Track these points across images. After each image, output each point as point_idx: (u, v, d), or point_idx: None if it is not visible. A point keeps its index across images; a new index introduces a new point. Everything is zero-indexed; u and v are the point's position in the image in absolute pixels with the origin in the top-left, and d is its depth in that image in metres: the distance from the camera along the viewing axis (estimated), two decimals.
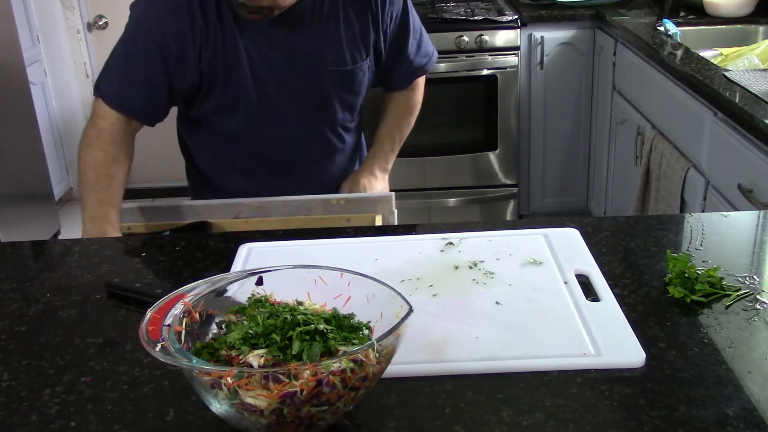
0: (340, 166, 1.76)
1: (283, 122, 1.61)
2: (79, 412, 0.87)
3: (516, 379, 0.90)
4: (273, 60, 1.54)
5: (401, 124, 1.80)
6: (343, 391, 0.76)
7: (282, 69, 1.55)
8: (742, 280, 1.10)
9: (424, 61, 1.74)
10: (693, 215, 1.35)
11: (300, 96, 1.59)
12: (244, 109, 1.57)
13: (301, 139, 1.66)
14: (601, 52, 3.20)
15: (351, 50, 1.58)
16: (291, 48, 1.54)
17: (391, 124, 1.79)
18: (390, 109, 1.80)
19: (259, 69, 1.54)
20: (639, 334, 0.97)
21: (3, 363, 0.97)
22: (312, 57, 1.56)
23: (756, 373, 0.90)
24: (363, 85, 1.65)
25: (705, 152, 2.20)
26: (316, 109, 1.62)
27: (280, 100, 1.58)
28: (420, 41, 1.71)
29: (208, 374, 0.76)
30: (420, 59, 1.73)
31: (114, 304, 1.10)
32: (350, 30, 1.57)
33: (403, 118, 1.80)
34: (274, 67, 1.55)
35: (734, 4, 2.92)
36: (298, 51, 1.55)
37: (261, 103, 1.57)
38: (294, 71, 1.56)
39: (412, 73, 1.75)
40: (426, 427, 0.84)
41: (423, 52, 1.73)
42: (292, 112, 1.60)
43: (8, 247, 1.39)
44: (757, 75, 2.13)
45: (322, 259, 0.97)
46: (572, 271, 1.12)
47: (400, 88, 1.77)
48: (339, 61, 1.57)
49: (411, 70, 1.73)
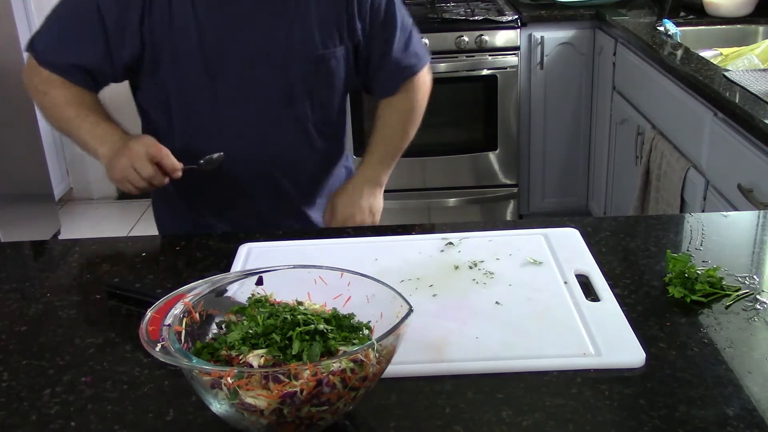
0: (315, 181, 1.57)
1: (240, 116, 1.43)
2: (79, 412, 0.87)
3: (516, 379, 0.90)
4: (229, 37, 1.37)
5: (394, 132, 1.59)
6: (343, 391, 0.76)
7: (240, 48, 1.38)
8: (742, 280, 1.10)
9: (413, 62, 1.55)
10: (693, 215, 1.35)
11: (261, 84, 1.41)
12: (191, 96, 1.41)
13: (264, 140, 1.45)
14: (601, 52, 3.20)
15: (322, 33, 1.41)
16: (252, 24, 1.37)
17: (382, 132, 1.59)
18: (380, 116, 1.60)
19: (212, 46, 1.36)
20: (639, 334, 0.97)
21: (3, 363, 0.97)
22: (277, 37, 1.38)
23: (756, 373, 0.90)
24: (337, 77, 1.47)
25: (705, 152, 2.20)
26: (281, 102, 1.43)
27: (237, 89, 1.40)
28: (409, 40, 1.54)
29: (208, 374, 0.76)
30: (409, 59, 1.54)
31: (114, 304, 1.10)
32: (321, 10, 1.41)
33: (396, 126, 1.59)
34: (231, 45, 1.37)
35: (734, 4, 2.92)
36: (259, 28, 1.37)
37: (213, 89, 1.39)
38: (254, 52, 1.38)
39: (399, 74, 1.55)
40: (426, 427, 0.84)
41: (412, 52, 1.55)
42: (252, 103, 1.42)
43: (8, 247, 1.39)
44: (757, 75, 2.13)
45: (322, 259, 0.97)
46: (572, 271, 1.12)
47: (389, 92, 1.57)
48: (307, 44, 1.40)
49: (398, 70, 1.54)
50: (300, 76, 1.43)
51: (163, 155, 1.29)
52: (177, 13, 1.35)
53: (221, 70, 1.39)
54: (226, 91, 1.41)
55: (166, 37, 1.36)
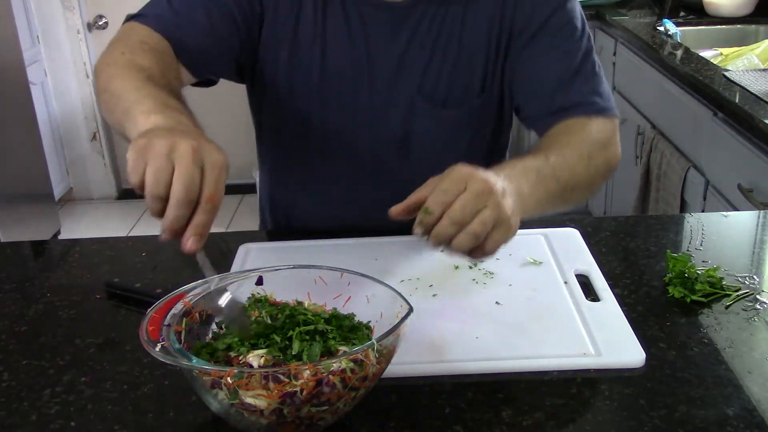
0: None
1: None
2: (79, 412, 0.87)
3: (516, 379, 0.90)
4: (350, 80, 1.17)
5: (571, 153, 1.06)
6: (343, 391, 0.76)
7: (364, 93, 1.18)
8: (742, 280, 1.10)
9: (575, 102, 1.13)
10: (693, 215, 1.35)
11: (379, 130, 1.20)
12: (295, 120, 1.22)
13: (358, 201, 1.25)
14: (601, 52, 3.20)
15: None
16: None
17: (548, 144, 1.10)
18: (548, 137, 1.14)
19: (331, 75, 1.17)
20: (639, 334, 0.97)
21: (3, 363, 0.97)
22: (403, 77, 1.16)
23: (756, 373, 0.90)
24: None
25: (705, 152, 2.20)
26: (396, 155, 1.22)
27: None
28: (580, 75, 1.15)
29: (208, 374, 0.76)
30: (571, 97, 1.13)
31: (114, 304, 1.10)
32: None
33: (564, 148, 1.07)
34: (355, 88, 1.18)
35: (734, 4, 2.92)
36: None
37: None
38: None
39: (549, 111, 1.15)
40: (426, 427, 0.84)
41: (582, 91, 1.14)
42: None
43: (8, 247, 1.39)
44: (757, 75, 2.13)
45: (322, 259, 0.97)
46: (572, 271, 1.12)
47: (539, 128, 1.18)
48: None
49: (547, 106, 1.15)
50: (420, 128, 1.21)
51: (219, 170, 0.79)
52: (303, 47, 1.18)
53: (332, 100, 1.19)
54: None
55: (280, 50, 1.19)
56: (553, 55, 1.14)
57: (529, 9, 1.13)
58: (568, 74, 1.13)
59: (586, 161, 1.04)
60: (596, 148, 1.07)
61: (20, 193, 3.35)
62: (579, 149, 1.05)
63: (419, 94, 1.18)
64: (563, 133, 1.09)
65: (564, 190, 0.99)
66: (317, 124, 1.21)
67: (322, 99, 1.19)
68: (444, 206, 0.82)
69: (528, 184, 0.93)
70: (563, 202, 1.01)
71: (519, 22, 1.13)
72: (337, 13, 1.15)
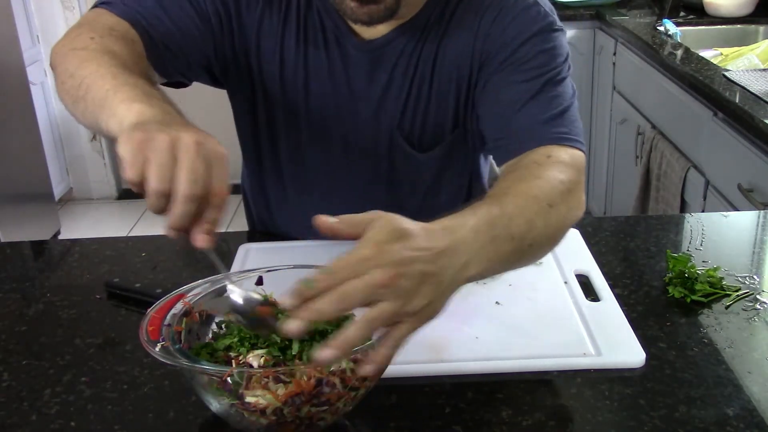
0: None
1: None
2: (79, 412, 0.87)
3: (516, 379, 0.90)
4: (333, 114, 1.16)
5: (519, 191, 0.91)
6: (343, 391, 0.76)
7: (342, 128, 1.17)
8: (742, 280, 1.10)
9: (525, 125, 1.05)
10: (693, 215, 1.35)
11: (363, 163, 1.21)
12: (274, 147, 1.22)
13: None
14: (601, 52, 3.20)
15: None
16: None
17: (505, 184, 0.95)
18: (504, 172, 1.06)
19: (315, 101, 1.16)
20: (639, 334, 0.97)
21: (3, 363, 0.97)
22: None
23: (756, 373, 0.90)
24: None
25: (705, 152, 2.20)
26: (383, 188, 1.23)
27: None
28: (537, 100, 1.07)
29: (208, 374, 0.76)
30: (521, 121, 1.06)
31: (114, 304, 1.10)
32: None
33: (520, 183, 0.94)
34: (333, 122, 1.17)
35: (734, 4, 2.92)
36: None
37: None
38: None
39: (500, 136, 1.09)
40: (426, 427, 0.84)
41: (535, 114, 1.06)
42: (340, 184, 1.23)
43: (8, 247, 1.39)
44: (757, 75, 2.13)
45: (322, 259, 0.97)
46: (572, 271, 1.12)
47: (496, 156, 1.12)
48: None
49: (501, 136, 1.08)
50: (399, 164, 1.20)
51: (223, 165, 0.75)
52: (266, 49, 1.15)
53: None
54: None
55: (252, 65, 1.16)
56: (512, 80, 1.08)
57: (500, 40, 1.09)
58: (524, 98, 1.06)
59: (546, 210, 0.88)
60: (557, 193, 0.92)
61: (20, 193, 3.35)
62: (536, 195, 0.89)
63: (398, 135, 1.18)
64: (519, 178, 0.95)
65: (521, 247, 0.84)
66: (308, 155, 1.21)
67: (310, 135, 1.19)
68: (331, 283, 0.69)
69: (479, 250, 0.78)
70: (520, 259, 0.87)
71: (489, 53, 1.10)
72: (318, 53, 1.13)
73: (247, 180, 1.34)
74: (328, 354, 0.66)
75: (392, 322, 0.70)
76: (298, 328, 0.66)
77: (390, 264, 0.68)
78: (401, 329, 0.71)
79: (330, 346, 0.66)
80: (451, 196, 1.26)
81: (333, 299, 0.67)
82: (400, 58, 1.13)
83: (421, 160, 1.20)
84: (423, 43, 1.12)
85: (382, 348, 0.71)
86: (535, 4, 1.10)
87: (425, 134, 1.18)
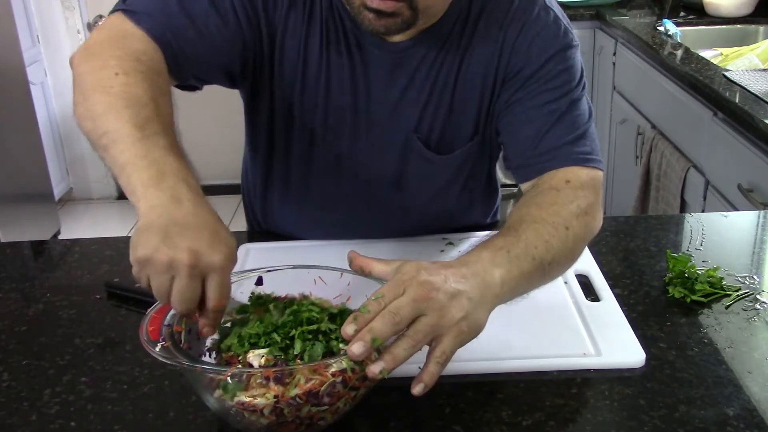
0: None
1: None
2: (79, 412, 0.87)
3: (516, 379, 0.90)
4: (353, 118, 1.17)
5: (535, 219, 0.97)
6: (343, 391, 0.76)
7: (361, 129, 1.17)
8: (742, 280, 1.10)
9: (551, 147, 1.09)
10: (693, 215, 1.35)
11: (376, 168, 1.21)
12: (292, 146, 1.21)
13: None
14: (601, 52, 3.20)
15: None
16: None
17: (518, 218, 0.99)
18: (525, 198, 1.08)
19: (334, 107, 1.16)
20: (639, 334, 0.97)
21: (3, 363, 0.97)
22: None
23: (756, 373, 0.90)
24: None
25: (705, 152, 2.20)
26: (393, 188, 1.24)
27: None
28: (562, 122, 1.10)
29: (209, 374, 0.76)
30: (548, 143, 1.09)
31: (114, 304, 1.10)
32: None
33: (537, 212, 0.99)
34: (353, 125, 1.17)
35: (734, 4, 2.92)
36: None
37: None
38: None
39: (525, 156, 1.11)
40: (426, 427, 0.84)
41: (560, 137, 1.09)
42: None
43: (8, 247, 1.39)
44: (757, 75, 2.13)
45: (322, 259, 0.97)
46: (572, 271, 1.12)
47: (517, 174, 1.15)
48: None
49: (527, 156, 1.11)
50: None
51: (219, 276, 0.80)
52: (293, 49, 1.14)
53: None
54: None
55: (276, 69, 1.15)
56: (539, 100, 1.10)
57: (526, 55, 1.10)
58: (550, 120, 1.09)
59: (563, 232, 0.96)
60: (573, 216, 1.00)
61: (20, 193, 3.35)
62: (553, 221, 0.96)
63: (415, 138, 1.18)
64: (535, 204, 1.01)
65: (542, 267, 0.92)
66: (318, 154, 1.21)
67: (324, 134, 1.19)
68: (380, 308, 0.77)
69: (499, 270, 0.86)
70: (543, 278, 0.94)
71: (514, 68, 1.11)
72: (341, 54, 1.13)
73: (250, 179, 1.34)
74: (379, 367, 0.75)
75: (433, 335, 0.78)
76: (361, 350, 0.74)
77: (426, 282, 0.79)
78: (444, 343, 0.78)
79: (383, 360, 0.75)
80: (460, 200, 1.27)
81: (385, 318, 0.76)
82: (422, 63, 1.13)
83: (437, 163, 1.20)
84: (446, 51, 1.13)
85: (429, 365, 0.78)
86: (556, 19, 1.11)
87: (443, 140, 1.18)
